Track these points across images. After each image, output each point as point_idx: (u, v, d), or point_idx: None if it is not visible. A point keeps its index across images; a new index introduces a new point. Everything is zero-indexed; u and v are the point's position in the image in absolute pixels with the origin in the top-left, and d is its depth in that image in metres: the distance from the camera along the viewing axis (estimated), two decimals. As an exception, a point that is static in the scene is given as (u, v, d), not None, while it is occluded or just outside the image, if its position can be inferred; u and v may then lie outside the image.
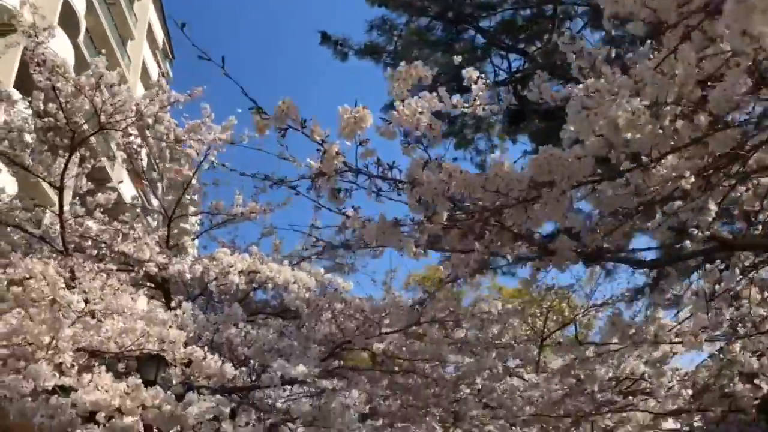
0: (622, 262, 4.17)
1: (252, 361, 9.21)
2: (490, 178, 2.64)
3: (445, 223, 2.85)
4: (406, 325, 7.98)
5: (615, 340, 4.56)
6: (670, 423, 11.87)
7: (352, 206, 4.33)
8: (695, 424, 11.69)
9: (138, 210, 10.87)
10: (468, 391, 9.30)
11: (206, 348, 6.78)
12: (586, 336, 11.14)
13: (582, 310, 12.79)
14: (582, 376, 6.95)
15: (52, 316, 5.73)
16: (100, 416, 7.05)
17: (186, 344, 6.63)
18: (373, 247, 4.62)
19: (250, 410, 10.47)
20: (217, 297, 10.78)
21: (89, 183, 9.05)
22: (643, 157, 3.07)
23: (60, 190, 8.42)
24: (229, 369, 6.48)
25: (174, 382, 7.01)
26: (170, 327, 6.46)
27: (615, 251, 3.56)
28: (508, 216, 3.01)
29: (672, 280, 4.09)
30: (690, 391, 6.18)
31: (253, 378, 9.79)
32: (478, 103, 4.41)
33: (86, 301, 6.77)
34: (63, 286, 6.33)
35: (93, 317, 6.64)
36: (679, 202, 3.82)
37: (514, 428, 10.19)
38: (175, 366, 6.97)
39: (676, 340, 4.90)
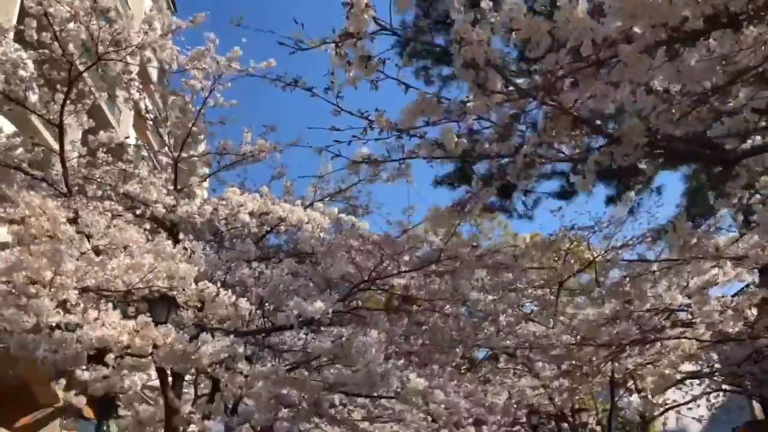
0: (693, 157, 3.68)
1: (267, 304, 8.87)
2: (561, 24, 2.15)
3: (497, 90, 2.38)
4: (431, 258, 7.56)
5: (673, 255, 4.13)
6: (687, 366, 11.60)
7: (376, 108, 3.85)
8: (716, 365, 11.38)
9: (143, 153, 10.43)
10: (493, 329, 8.94)
11: (219, 285, 6.40)
12: (604, 282, 10.69)
13: (602, 252, 12.34)
14: (632, 295, 6.54)
15: (52, 249, 5.32)
16: (110, 358, 6.75)
17: (196, 281, 6.25)
18: (399, 159, 4.15)
19: (266, 355, 10.22)
20: (228, 243, 10.40)
21: (90, 120, 8.56)
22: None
23: (59, 127, 7.95)
24: (243, 304, 6.11)
25: (186, 324, 6.66)
26: (179, 262, 6.05)
27: (687, 140, 3.08)
28: (570, 93, 2.52)
29: (740, 180, 3.60)
30: (755, 311, 5.77)
31: (268, 326, 9.47)
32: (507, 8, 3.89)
33: (89, 237, 6.38)
34: (64, 221, 5.94)
35: (98, 254, 6.25)
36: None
37: (539, 364, 9.86)
38: (187, 309, 6.60)
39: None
